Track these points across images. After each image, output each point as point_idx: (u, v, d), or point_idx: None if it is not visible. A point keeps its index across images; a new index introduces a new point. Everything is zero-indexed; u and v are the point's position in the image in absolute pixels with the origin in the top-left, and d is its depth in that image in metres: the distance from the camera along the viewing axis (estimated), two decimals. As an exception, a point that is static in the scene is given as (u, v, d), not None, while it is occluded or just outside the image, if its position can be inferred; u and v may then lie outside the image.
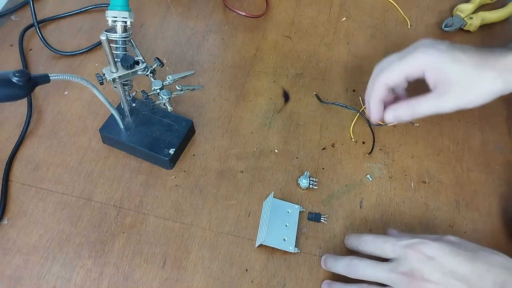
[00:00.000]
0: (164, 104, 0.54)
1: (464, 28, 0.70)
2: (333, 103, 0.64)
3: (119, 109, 0.59)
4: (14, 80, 0.42)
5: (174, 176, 0.58)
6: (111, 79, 0.51)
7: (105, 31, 0.51)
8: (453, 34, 0.71)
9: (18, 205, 0.56)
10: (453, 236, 0.44)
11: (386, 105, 0.54)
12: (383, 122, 0.54)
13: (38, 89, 0.66)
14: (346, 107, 0.63)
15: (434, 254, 0.41)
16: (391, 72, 0.50)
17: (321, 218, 0.54)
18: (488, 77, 0.47)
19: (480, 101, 0.48)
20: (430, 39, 0.51)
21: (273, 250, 0.52)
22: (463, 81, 0.47)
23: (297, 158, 0.60)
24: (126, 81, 0.55)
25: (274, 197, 0.55)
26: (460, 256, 0.41)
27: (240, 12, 0.74)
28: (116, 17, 0.51)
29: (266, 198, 0.56)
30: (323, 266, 0.50)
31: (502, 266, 0.40)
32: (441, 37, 0.54)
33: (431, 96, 0.49)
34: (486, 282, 0.40)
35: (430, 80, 0.49)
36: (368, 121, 0.62)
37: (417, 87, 0.52)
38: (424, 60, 0.49)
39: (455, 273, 0.40)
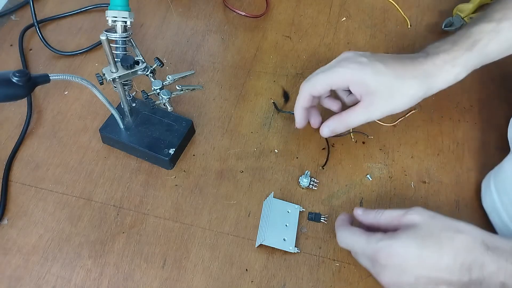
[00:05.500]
0: (164, 104, 0.54)
1: (464, 28, 0.70)
2: (289, 112, 0.62)
3: (119, 109, 0.59)
4: (14, 80, 0.42)
5: (174, 176, 0.58)
6: (111, 79, 0.51)
7: (105, 31, 0.51)
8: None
9: (18, 205, 0.56)
10: (416, 212, 0.44)
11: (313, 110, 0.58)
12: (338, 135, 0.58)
13: (38, 89, 0.66)
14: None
15: (401, 253, 0.42)
16: (315, 83, 0.53)
17: (321, 218, 0.54)
18: (409, 85, 0.50)
19: (404, 107, 0.51)
20: (352, 52, 0.53)
21: (273, 250, 0.52)
22: (386, 91, 0.50)
23: (297, 158, 0.60)
24: (126, 81, 0.55)
25: (274, 197, 0.55)
26: (425, 249, 0.41)
27: (240, 12, 0.74)
28: (116, 17, 0.51)
29: (266, 198, 0.56)
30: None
31: (466, 249, 0.41)
32: (441, 37, 0.54)
33: (359, 108, 0.52)
34: (454, 269, 0.41)
35: (355, 92, 0.52)
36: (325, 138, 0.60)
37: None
38: (347, 74, 0.51)
39: (424, 267, 0.41)
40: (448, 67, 0.50)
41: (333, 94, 0.58)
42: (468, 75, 0.52)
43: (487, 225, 0.54)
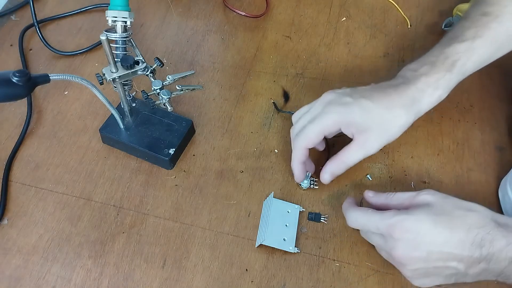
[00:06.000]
0: (164, 104, 0.54)
1: (464, 28, 0.70)
2: (289, 112, 0.63)
3: (119, 109, 0.59)
4: (14, 80, 0.42)
5: (174, 176, 0.58)
6: (111, 79, 0.51)
7: (105, 31, 0.51)
8: (444, 37, 0.70)
9: (18, 205, 0.56)
10: (428, 192, 0.46)
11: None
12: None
13: (38, 89, 0.66)
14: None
15: (415, 228, 0.43)
16: (308, 136, 0.53)
17: (321, 218, 0.54)
18: (398, 115, 0.51)
19: (398, 135, 0.52)
20: (333, 92, 0.53)
21: (273, 250, 0.52)
22: (378, 127, 0.51)
23: (297, 158, 0.59)
24: (126, 81, 0.55)
25: (274, 197, 0.55)
26: (438, 225, 0.43)
27: (240, 12, 0.74)
28: (116, 17, 0.51)
29: (266, 198, 0.56)
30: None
31: (478, 225, 0.42)
32: (441, 37, 0.55)
33: (355, 146, 0.52)
34: (465, 245, 0.42)
35: (348, 133, 0.52)
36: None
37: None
38: (335, 119, 0.52)
39: (436, 242, 0.42)
40: (431, 90, 0.52)
41: None
42: (467, 76, 0.53)
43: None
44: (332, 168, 0.54)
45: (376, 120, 0.51)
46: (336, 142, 0.61)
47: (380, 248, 0.48)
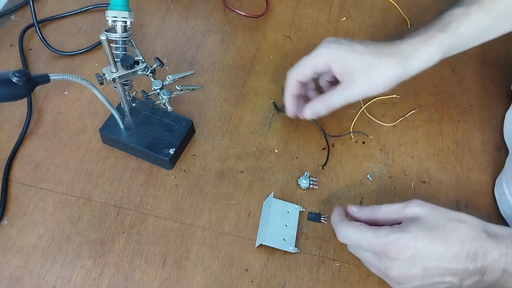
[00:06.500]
0: (164, 104, 0.54)
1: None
2: None
3: (119, 109, 0.59)
4: (14, 80, 0.42)
5: (174, 176, 0.58)
6: (111, 79, 0.51)
7: (105, 31, 0.51)
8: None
9: (18, 205, 0.56)
10: (417, 204, 0.45)
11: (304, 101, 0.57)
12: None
13: (38, 89, 0.66)
14: None
15: (412, 246, 0.42)
16: (300, 68, 0.55)
17: (321, 218, 0.54)
18: (386, 62, 0.51)
19: (382, 87, 0.52)
20: (334, 37, 0.55)
21: (273, 250, 0.52)
22: (364, 69, 0.51)
23: (297, 158, 0.60)
24: (126, 81, 0.55)
25: (274, 197, 0.55)
26: (433, 241, 0.42)
27: (240, 12, 0.74)
28: (116, 17, 0.51)
29: (266, 198, 0.56)
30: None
31: (471, 238, 0.42)
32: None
33: (339, 88, 0.53)
34: (460, 259, 0.42)
35: (336, 73, 0.53)
36: (324, 132, 0.61)
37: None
38: (327, 54, 0.53)
39: (432, 258, 0.42)
40: (423, 47, 0.52)
41: (318, 88, 0.59)
42: (467, 75, 0.53)
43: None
44: (315, 105, 0.54)
45: (363, 63, 0.51)
46: (336, 142, 0.61)
47: (370, 264, 0.46)
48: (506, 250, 0.41)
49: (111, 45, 0.50)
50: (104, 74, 0.52)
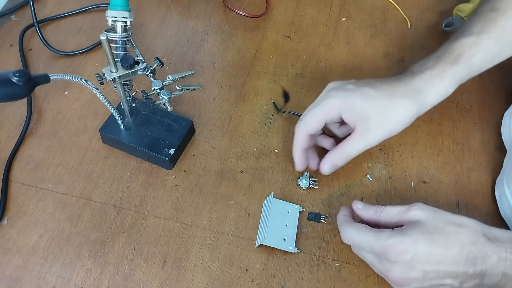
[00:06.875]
0: (164, 104, 0.54)
1: (464, 28, 0.70)
2: (289, 112, 0.63)
3: (119, 109, 0.59)
4: (14, 80, 0.42)
5: (174, 176, 0.58)
6: (111, 79, 0.51)
7: (105, 31, 0.51)
8: (453, 34, 0.71)
9: (18, 205, 0.56)
10: (418, 207, 0.45)
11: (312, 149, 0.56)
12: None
13: (38, 89, 0.66)
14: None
15: (412, 249, 0.42)
16: (309, 120, 0.52)
17: (321, 218, 0.54)
18: (401, 104, 0.50)
19: (401, 127, 0.51)
20: (338, 81, 0.53)
21: (273, 250, 0.52)
22: (379, 115, 0.50)
23: (297, 158, 0.59)
24: (126, 81, 0.55)
25: (274, 197, 0.55)
26: (433, 244, 0.42)
27: (240, 12, 0.74)
28: (116, 17, 0.51)
29: (266, 198, 0.56)
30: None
31: (470, 242, 0.42)
32: (441, 37, 0.55)
33: (355, 136, 0.51)
34: (459, 262, 0.42)
35: (349, 121, 0.51)
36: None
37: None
38: (337, 103, 0.51)
39: (431, 261, 0.42)
40: (437, 82, 0.51)
41: (326, 131, 0.57)
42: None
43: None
44: (333, 158, 0.53)
45: (377, 108, 0.50)
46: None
47: (373, 266, 0.47)
48: (506, 254, 0.41)
49: (111, 45, 0.50)
50: (104, 74, 0.52)
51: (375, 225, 0.47)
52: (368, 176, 0.58)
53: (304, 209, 0.55)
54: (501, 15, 0.52)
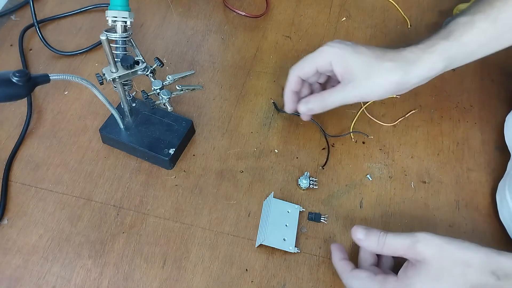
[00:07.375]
0: (164, 104, 0.54)
1: (464, 28, 0.70)
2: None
3: (119, 109, 0.59)
4: (14, 80, 0.42)
5: (174, 176, 0.58)
6: (111, 79, 0.51)
7: (105, 31, 0.51)
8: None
9: (18, 205, 0.56)
10: (425, 243, 0.43)
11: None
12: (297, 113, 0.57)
13: (38, 89, 0.66)
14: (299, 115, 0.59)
15: None
16: (302, 65, 0.54)
17: (321, 218, 0.54)
18: (387, 66, 0.51)
19: (381, 91, 0.51)
20: (339, 39, 0.54)
21: (273, 250, 0.52)
22: (364, 70, 0.51)
23: (297, 158, 0.60)
24: (126, 81, 0.55)
25: (274, 197, 0.55)
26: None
27: (240, 12, 0.74)
28: (116, 17, 0.51)
29: (266, 198, 0.56)
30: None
31: (480, 283, 0.41)
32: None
33: (338, 87, 0.53)
34: None
35: (337, 72, 0.52)
36: (324, 132, 0.61)
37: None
38: (330, 52, 0.52)
39: None
40: (426, 55, 0.51)
41: (322, 87, 0.59)
42: (467, 75, 0.52)
43: (487, 225, 0.54)
44: (310, 103, 0.54)
45: (365, 65, 0.51)
46: (336, 142, 0.61)
47: None
48: None
49: (111, 45, 0.50)
50: (104, 74, 0.52)
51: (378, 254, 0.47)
52: (368, 176, 0.58)
53: (304, 209, 0.55)
54: None
